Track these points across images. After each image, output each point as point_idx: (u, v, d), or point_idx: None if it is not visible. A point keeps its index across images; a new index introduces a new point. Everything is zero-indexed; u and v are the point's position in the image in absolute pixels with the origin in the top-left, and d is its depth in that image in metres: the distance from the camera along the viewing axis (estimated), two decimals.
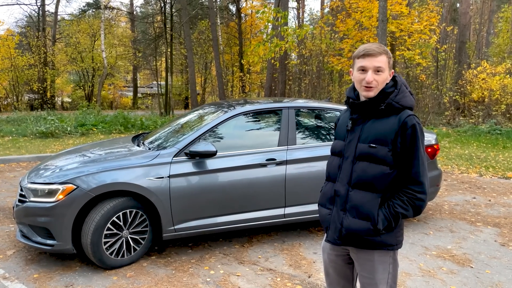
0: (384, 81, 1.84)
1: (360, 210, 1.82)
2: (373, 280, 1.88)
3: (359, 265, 1.92)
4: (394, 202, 1.80)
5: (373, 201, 1.81)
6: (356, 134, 1.89)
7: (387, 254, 1.87)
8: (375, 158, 1.81)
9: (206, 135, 3.84)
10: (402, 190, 1.81)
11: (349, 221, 1.85)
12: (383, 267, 1.87)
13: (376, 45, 1.83)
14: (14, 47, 22.90)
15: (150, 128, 13.51)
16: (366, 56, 1.81)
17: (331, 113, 4.45)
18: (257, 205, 3.89)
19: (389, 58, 1.84)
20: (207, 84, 31.42)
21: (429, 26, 14.68)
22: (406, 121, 1.78)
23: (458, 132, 14.07)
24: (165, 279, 3.30)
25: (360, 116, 1.91)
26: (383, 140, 1.80)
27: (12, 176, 6.95)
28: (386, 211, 1.80)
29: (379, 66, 1.80)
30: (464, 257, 3.85)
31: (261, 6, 20.81)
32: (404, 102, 1.84)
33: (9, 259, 3.64)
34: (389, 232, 1.83)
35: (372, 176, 1.81)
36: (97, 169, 3.44)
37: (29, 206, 3.38)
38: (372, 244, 1.83)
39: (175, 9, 22.79)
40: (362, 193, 1.83)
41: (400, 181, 1.82)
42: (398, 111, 1.83)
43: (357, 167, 1.85)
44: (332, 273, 2.08)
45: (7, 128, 12.18)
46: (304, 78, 20.40)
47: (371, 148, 1.82)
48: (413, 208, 1.80)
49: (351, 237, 1.85)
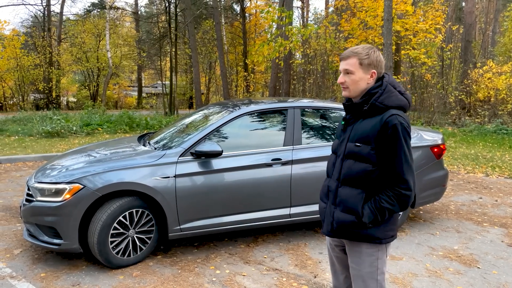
0: (356, 81, 1.94)
1: (346, 204, 1.94)
2: (360, 272, 1.98)
3: (349, 256, 2.04)
4: (380, 197, 1.88)
5: (357, 197, 1.91)
6: (347, 134, 2.02)
7: (376, 248, 1.96)
8: (359, 156, 1.91)
9: (212, 135, 3.84)
10: (389, 186, 1.88)
11: (338, 215, 1.97)
12: (370, 261, 1.96)
13: (351, 48, 1.97)
14: (19, 47, 23.03)
15: (155, 127, 13.54)
16: (340, 60, 2.01)
17: (336, 113, 4.44)
18: (263, 205, 3.89)
19: (363, 58, 1.92)
20: (211, 84, 31.47)
21: (434, 25, 14.61)
22: (388, 121, 1.85)
23: (463, 131, 14.00)
24: (171, 279, 3.31)
25: (352, 116, 2.04)
26: (366, 139, 1.90)
27: (18, 176, 6.99)
28: (372, 205, 1.89)
29: (346, 68, 1.95)
30: (470, 257, 3.83)
31: (266, 6, 20.78)
32: (388, 102, 1.90)
33: (16, 258, 3.66)
34: (376, 226, 1.92)
35: (355, 173, 1.92)
36: (104, 168, 3.46)
37: (36, 205, 3.40)
38: (359, 236, 1.93)
39: (179, 9, 22.83)
40: (348, 189, 1.95)
41: (385, 178, 1.89)
42: (382, 111, 1.90)
43: (345, 164, 1.98)
44: (335, 262, 2.21)
45: (13, 128, 12.26)
46: (309, 77, 20.36)
47: (356, 147, 1.93)
48: (399, 203, 1.87)
49: (340, 229, 1.97)
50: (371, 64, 1.92)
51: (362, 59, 1.91)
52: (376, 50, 1.95)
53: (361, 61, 1.91)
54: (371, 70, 1.93)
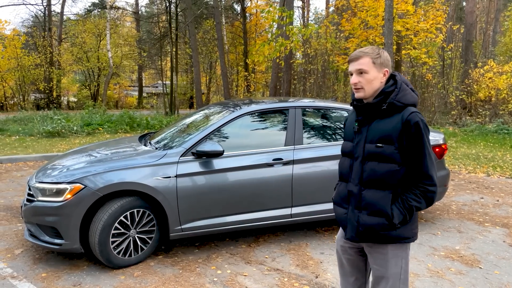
0: (371, 81, 1.92)
1: (374, 208, 1.90)
2: (386, 273, 1.96)
3: (372, 258, 2.00)
4: (407, 196, 1.87)
5: (385, 198, 1.88)
6: (363, 135, 1.97)
7: (401, 248, 1.94)
8: (383, 157, 1.88)
9: (213, 135, 3.83)
10: (414, 184, 1.87)
11: (365, 219, 1.93)
12: (395, 261, 1.94)
13: (360, 49, 1.94)
14: (20, 47, 23.01)
15: (155, 127, 13.53)
16: (349, 62, 1.97)
17: (337, 113, 4.43)
18: (264, 205, 3.88)
19: (375, 58, 1.90)
20: (212, 84, 31.44)
21: (435, 25, 14.60)
22: (409, 119, 1.84)
23: (464, 131, 13.98)
24: (172, 279, 3.31)
25: (365, 117, 1.99)
26: (388, 139, 1.87)
27: (19, 176, 6.99)
28: (400, 205, 1.87)
29: (360, 68, 1.92)
30: (472, 257, 3.83)
31: (266, 6, 20.79)
32: (405, 99, 1.90)
33: (17, 258, 3.66)
34: (404, 225, 1.90)
35: (381, 175, 1.88)
36: (105, 168, 3.45)
37: (37, 205, 3.40)
38: (388, 238, 1.91)
39: (180, 9, 22.82)
40: (373, 191, 1.91)
41: (410, 176, 1.88)
42: (400, 109, 1.89)
43: (366, 167, 1.93)
44: (345, 264, 2.16)
45: (14, 128, 12.26)
46: (309, 77, 20.34)
47: (378, 148, 1.90)
48: (426, 200, 1.87)
49: (367, 234, 1.93)
50: (383, 63, 1.92)
51: (374, 58, 1.90)
52: (384, 50, 1.94)
53: (374, 60, 1.90)
54: (384, 69, 1.93)
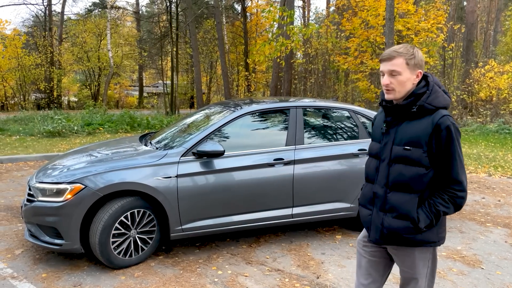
0: (403, 82, 1.85)
1: (399, 211, 1.88)
2: (414, 274, 1.95)
3: (399, 260, 1.99)
4: (435, 201, 1.84)
5: (411, 201, 1.85)
6: (391, 137, 1.93)
7: (428, 251, 1.93)
8: (410, 160, 1.84)
9: (213, 134, 3.82)
10: (442, 189, 1.84)
11: (390, 221, 1.91)
12: (423, 263, 1.94)
13: (393, 48, 1.86)
14: (21, 46, 23.01)
15: (156, 127, 13.52)
16: (381, 61, 1.90)
17: (338, 112, 4.42)
18: (265, 205, 3.87)
19: (409, 58, 1.84)
20: (212, 83, 31.43)
21: (436, 25, 14.55)
22: (440, 123, 1.80)
23: (465, 131, 13.96)
24: (173, 279, 3.30)
25: (394, 118, 1.94)
26: (417, 142, 1.83)
27: (19, 175, 6.98)
28: (427, 209, 1.84)
29: (393, 69, 1.85)
30: (474, 258, 3.81)
31: (267, 5, 20.76)
32: (437, 102, 1.85)
33: (17, 258, 3.65)
34: (430, 229, 1.88)
35: (408, 178, 1.85)
36: (105, 168, 3.44)
37: (37, 205, 3.39)
38: (413, 242, 1.88)
39: (180, 9, 22.79)
40: (400, 194, 1.88)
41: (438, 180, 1.84)
42: (431, 112, 1.85)
43: (393, 169, 1.90)
44: (364, 265, 2.13)
45: (15, 128, 12.25)
46: (310, 77, 20.33)
47: (406, 151, 1.85)
48: (454, 205, 1.84)
49: (392, 237, 1.91)
50: (417, 64, 1.86)
51: (408, 59, 1.84)
52: (418, 50, 1.88)
53: (408, 61, 1.84)
54: (418, 70, 1.87)
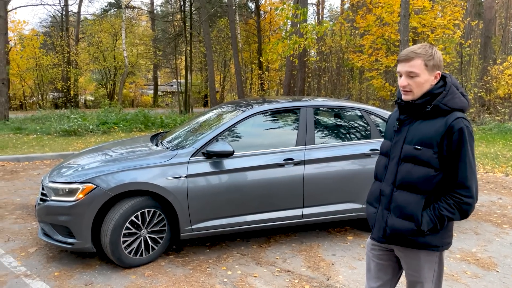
0: (421, 84, 1.82)
1: (403, 211, 1.85)
2: (420, 278, 1.93)
3: (405, 263, 1.96)
4: (440, 205, 1.81)
5: (417, 203, 1.82)
6: (402, 135, 1.91)
7: (434, 254, 1.90)
8: (420, 160, 1.82)
9: (224, 134, 3.82)
10: (448, 193, 1.80)
11: (393, 221, 1.89)
12: (429, 266, 1.91)
13: (411, 49, 1.82)
14: (38, 46, 23.52)
15: (170, 126, 13.62)
16: (399, 62, 1.86)
17: (351, 112, 4.37)
18: (275, 206, 3.85)
19: (428, 60, 1.80)
20: (226, 82, 31.48)
21: (453, 21, 14.27)
22: (453, 125, 1.76)
23: (483, 130, 13.67)
24: (183, 279, 3.31)
25: (408, 117, 1.92)
26: (428, 142, 1.81)
27: (36, 174, 7.11)
28: (431, 213, 1.81)
29: (410, 71, 1.82)
30: (489, 260, 3.73)
31: (280, 3, 20.66)
32: (452, 103, 1.81)
33: (31, 257, 3.72)
34: (434, 234, 1.84)
35: (416, 178, 1.82)
36: (117, 168, 3.47)
37: (50, 205, 3.44)
38: (416, 244, 1.86)
39: (194, 8, 22.88)
40: (406, 194, 1.86)
41: (446, 183, 1.80)
42: (446, 113, 1.81)
43: (402, 168, 1.88)
44: (373, 268, 2.10)
45: (32, 127, 12.49)
46: (324, 75, 20.18)
47: (416, 150, 1.83)
48: (459, 211, 1.79)
49: (395, 236, 1.89)
50: (435, 66, 1.82)
51: (427, 60, 1.80)
52: (437, 50, 1.84)
53: (426, 62, 1.80)
54: (436, 71, 1.84)
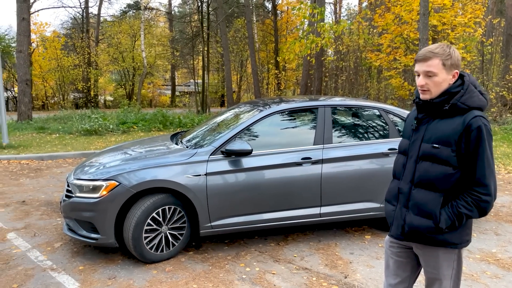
0: (439, 83, 1.83)
1: (422, 208, 1.87)
2: (438, 275, 1.93)
3: (424, 260, 1.97)
4: (458, 203, 1.81)
5: (435, 200, 1.84)
6: (420, 134, 1.92)
7: (453, 251, 1.90)
8: (438, 158, 1.83)
9: (242, 133, 3.88)
10: (467, 191, 1.81)
11: (412, 218, 1.90)
12: (447, 264, 1.91)
13: (429, 48, 1.83)
14: (60, 48, 24.10)
15: (187, 125, 13.78)
16: (417, 61, 1.87)
17: (369, 111, 4.37)
18: (293, 204, 3.89)
19: (445, 59, 1.81)
20: (242, 82, 31.60)
21: (473, 19, 14.00)
22: (471, 123, 1.77)
23: (505, 129, 13.38)
24: (202, 275, 3.38)
25: (426, 115, 1.93)
26: (447, 141, 1.81)
27: (59, 172, 7.32)
28: (450, 210, 1.81)
29: (428, 70, 1.83)
30: (509, 261, 3.68)
31: (297, 3, 20.63)
32: (470, 102, 1.82)
33: (57, 251, 3.85)
34: (452, 231, 1.85)
35: (434, 176, 1.83)
36: (138, 166, 3.57)
37: (75, 201, 3.56)
38: (434, 241, 1.87)
39: (211, 8, 23.07)
40: (424, 192, 1.87)
41: (464, 181, 1.81)
42: (463, 112, 1.82)
43: (420, 166, 1.89)
44: (391, 265, 2.12)
45: (54, 126, 12.84)
46: (341, 74, 20.05)
47: (434, 149, 1.84)
48: (478, 209, 1.79)
49: (413, 234, 1.91)
50: (453, 65, 1.83)
51: (445, 60, 1.81)
52: (455, 49, 1.84)
53: (444, 62, 1.81)
54: (454, 70, 1.84)
